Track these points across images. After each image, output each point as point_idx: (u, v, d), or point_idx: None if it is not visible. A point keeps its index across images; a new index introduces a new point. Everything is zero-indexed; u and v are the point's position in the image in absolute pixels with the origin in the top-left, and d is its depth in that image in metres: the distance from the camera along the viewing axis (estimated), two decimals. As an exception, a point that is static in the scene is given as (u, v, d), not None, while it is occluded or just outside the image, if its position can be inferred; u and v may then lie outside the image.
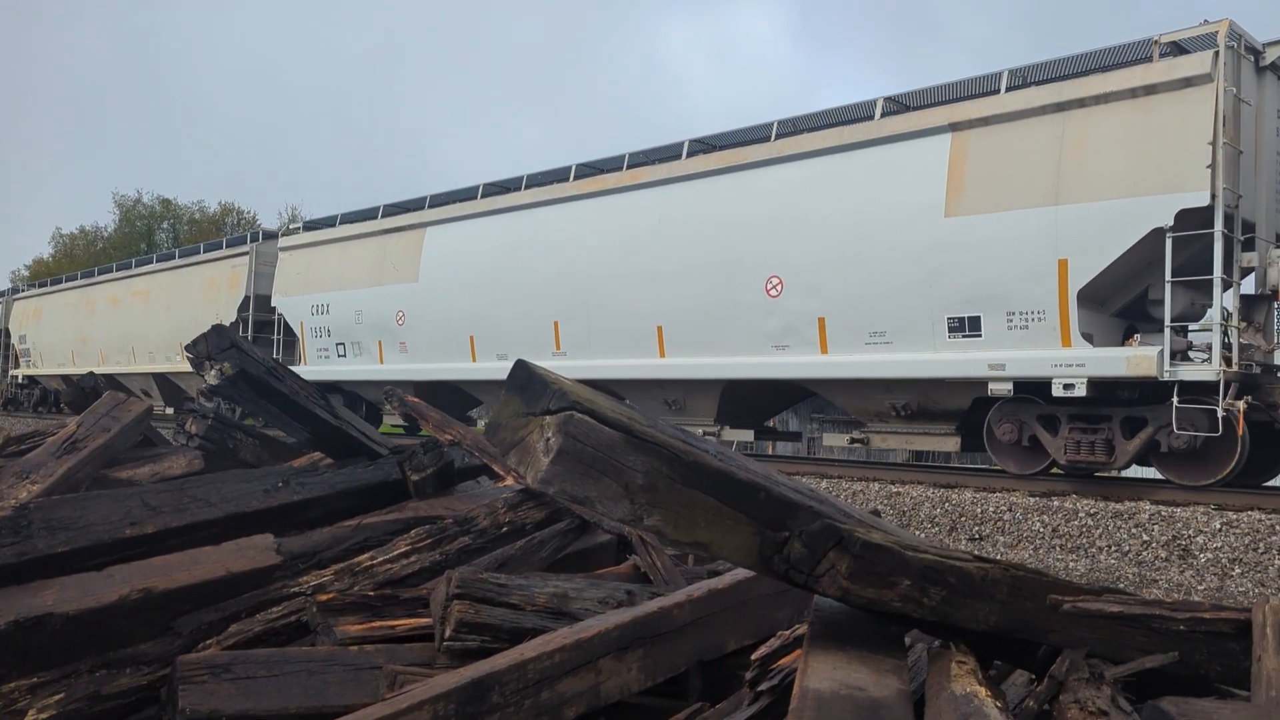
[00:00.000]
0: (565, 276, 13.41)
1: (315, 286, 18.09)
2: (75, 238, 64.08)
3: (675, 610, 2.71)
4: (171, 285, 23.64)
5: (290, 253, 19.13)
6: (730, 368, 11.73)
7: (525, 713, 2.30)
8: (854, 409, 11.25)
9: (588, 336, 13.29)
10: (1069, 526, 8.18)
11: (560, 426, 1.57)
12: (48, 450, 3.39)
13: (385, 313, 16.38)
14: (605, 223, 13.10)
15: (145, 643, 2.42)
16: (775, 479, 1.75)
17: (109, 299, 26.69)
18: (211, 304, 21.48)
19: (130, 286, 25.73)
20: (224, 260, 21.87)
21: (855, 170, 10.59)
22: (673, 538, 1.64)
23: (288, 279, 18.93)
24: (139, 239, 59.97)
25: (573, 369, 12.83)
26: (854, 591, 1.70)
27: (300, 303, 18.40)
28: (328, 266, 17.90)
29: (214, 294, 21.63)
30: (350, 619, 2.65)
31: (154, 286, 24.54)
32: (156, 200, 62.82)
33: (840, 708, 1.43)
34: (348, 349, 17.37)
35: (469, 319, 14.84)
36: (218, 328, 3.44)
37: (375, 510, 3.61)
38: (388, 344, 16.51)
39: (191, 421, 4.13)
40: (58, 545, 2.45)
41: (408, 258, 16.14)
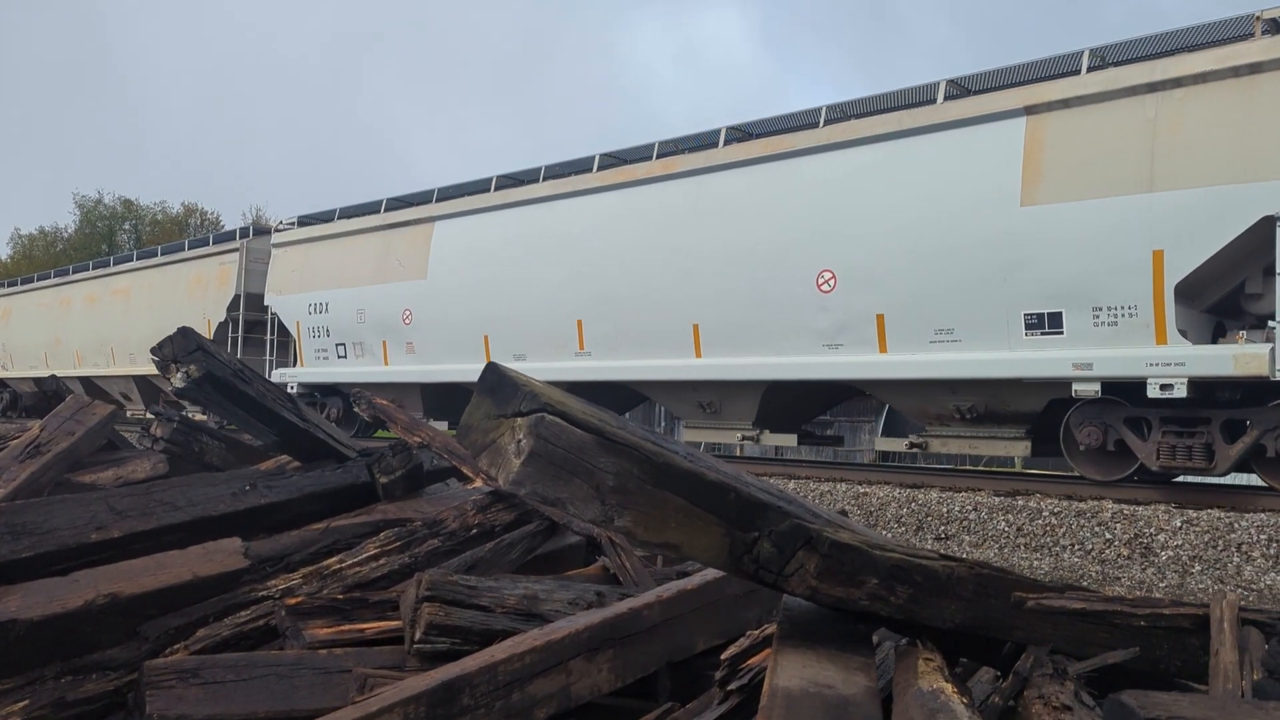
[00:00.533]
0: (589, 272, 12.59)
1: (313, 284, 17.15)
2: (34, 239, 63.10)
3: (645, 611, 2.72)
4: (155, 283, 22.45)
5: (285, 249, 18.14)
6: (774, 368, 10.95)
7: (496, 714, 2.31)
8: (912, 411, 10.56)
9: (614, 335, 12.45)
10: (1033, 525, 8.29)
11: (531, 428, 1.57)
12: (10, 454, 3.34)
13: (390, 311, 15.46)
14: (634, 215, 12.33)
15: (111, 648, 2.39)
16: (744, 479, 1.77)
17: (86, 298, 25.36)
18: (199, 303, 20.46)
19: (110, 285, 24.41)
20: (212, 257, 20.72)
21: (918, 157, 9.92)
22: (643, 538, 1.65)
23: (282, 276, 17.97)
24: (100, 240, 59.19)
25: (598, 370, 12.53)
26: (822, 590, 1.72)
27: (296, 301, 17.46)
28: (326, 263, 16.97)
29: (201, 292, 20.58)
30: (319, 622, 2.64)
31: (136, 285, 23.29)
32: (118, 201, 62.08)
33: (809, 705, 1.45)
34: (349, 349, 16.43)
35: (483, 318, 14.02)
36: (184, 330, 3.41)
37: (344, 513, 3.59)
38: (393, 344, 15.63)
39: (156, 425, 4.09)
40: (21, 550, 2.42)
41: (415, 253, 15.24)
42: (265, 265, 18.86)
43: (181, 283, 21.34)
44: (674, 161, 12.15)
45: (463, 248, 14.59)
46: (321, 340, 16.96)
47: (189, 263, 21.49)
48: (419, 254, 15.19)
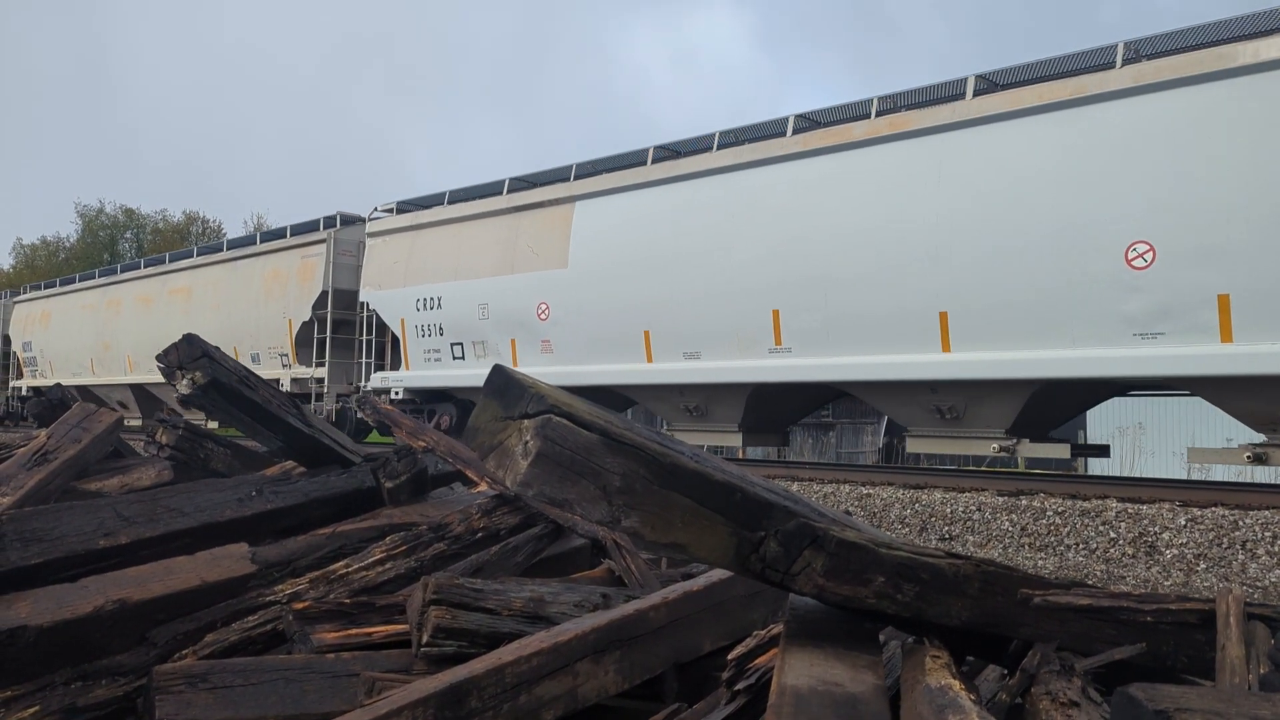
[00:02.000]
0: (788, 253, 10.60)
1: (421, 277, 15.22)
2: (37, 248, 63.25)
3: (651, 613, 2.72)
4: (223, 281, 20.37)
5: (383, 239, 16.27)
6: (1052, 364, 9.02)
7: (504, 716, 2.31)
8: (1258, 417, 8.58)
9: (823, 327, 10.48)
10: (1037, 525, 8.29)
11: (538, 430, 1.58)
12: (17, 462, 3.36)
13: (522, 306, 13.59)
14: (848, 184, 10.36)
15: (121, 654, 2.40)
16: (750, 480, 1.78)
17: (139, 299, 23.15)
18: (276, 301, 18.61)
19: (167, 284, 22.35)
20: (292, 250, 18.62)
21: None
22: (650, 539, 1.66)
23: (381, 269, 16.05)
24: (102, 249, 59.31)
25: (801, 369, 10.73)
26: (829, 589, 1.73)
27: (400, 297, 15.55)
28: (437, 253, 15.10)
29: (280, 289, 18.62)
30: (327, 627, 2.65)
31: (198, 283, 21.21)
32: (119, 210, 62.23)
33: (818, 703, 1.46)
34: (467, 349, 14.43)
35: (642, 310, 12.08)
36: (188, 336, 3.42)
37: (350, 518, 3.60)
38: (525, 343, 13.69)
39: (162, 432, 4.10)
40: (31, 557, 2.43)
41: (551, 239, 13.37)
42: (355, 258, 17.25)
43: (254, 279, 19.40)
44: (905, 119, 10.25)
45: (612, 230, 12.66)
46: (432, 340, 15.07)
47: (264, 257, 19.46)
48: (556, 239, 13.34)
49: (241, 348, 19.14)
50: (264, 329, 18.82)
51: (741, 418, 12.07)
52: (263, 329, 18.85)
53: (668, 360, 12.08)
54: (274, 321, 18.51)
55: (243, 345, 19.21)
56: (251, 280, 19.51)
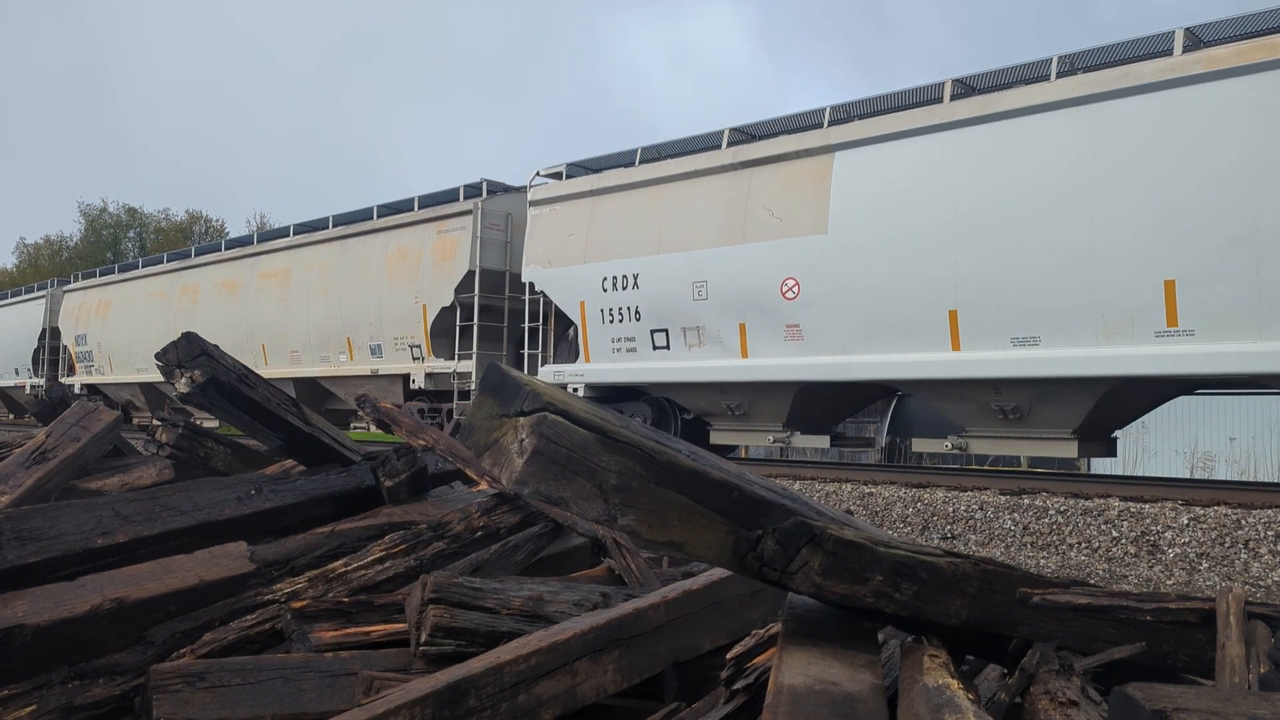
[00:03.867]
0: (1186, 205, 8.32)
1: (607, 250, 12.89)
2: (40, 247, 63.37)
3: (650, 611, 2.72)
4: (332, 263, 17.66)
5: (551, 208, 13.83)
6: None
7: (502, 716, 2.31)
8: None
9: (1255, 300, 8.11)
10: (1039, 524, 8.27)
11: (534, 428, 1.58)
12: (16, 460, 3.35)
13: (758, 283, 11.16)
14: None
15: (118, 653, 2.40)
16: (748, 478, 1.77)
17: (221, 285, 20.46)
18: (406, 284, 15.95)
19: (257, 267, 19.61)
20: (424, 225, 16.01)
21: None
22: (647, 537, 1.66)
23: (551, 243, 13.66)
24: (105, 248, 59.40)
25: (1212, 358, 8.44)
26: (827, 588, 1.72)
27: (579, 276, 13.19)
28: (630, 221, 12.70)
29: (409, 270, 15.97)
30: (325, 626, 2.65)
31: (300, 265, 18.42)
32: (122, 209, 62.33)
33: (815, 703, 1.45)
34: (675, 337, 12.05)
35: (944, 285, 9.78)
36: (188, 335, 3.41)
37: (349, 517, 3.59)
38: (760, 328, 11.23)
39: (162, 430, 4.10)
40: (28, 556, 2.42)
41: (799, 199, 10.92)
42: (504, 232, 15.03)
43: (374, 259, 16.79)
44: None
45: (893, 185, 10.31)
46: (624, 326, 12.66)
47: (386, 234, 16.76)
48: (808, 199, 10.90)
49: (358, 338, 16.93)
50: (388, 316, 16.30)
51: (1083, 421, 9.57)
52: (386, 316, 16.33)
53: (984, 348, 9.61)
54: (402, 307, 16.00)
55: (359, 335, 16.91)
56: (369, 260, 16.87)
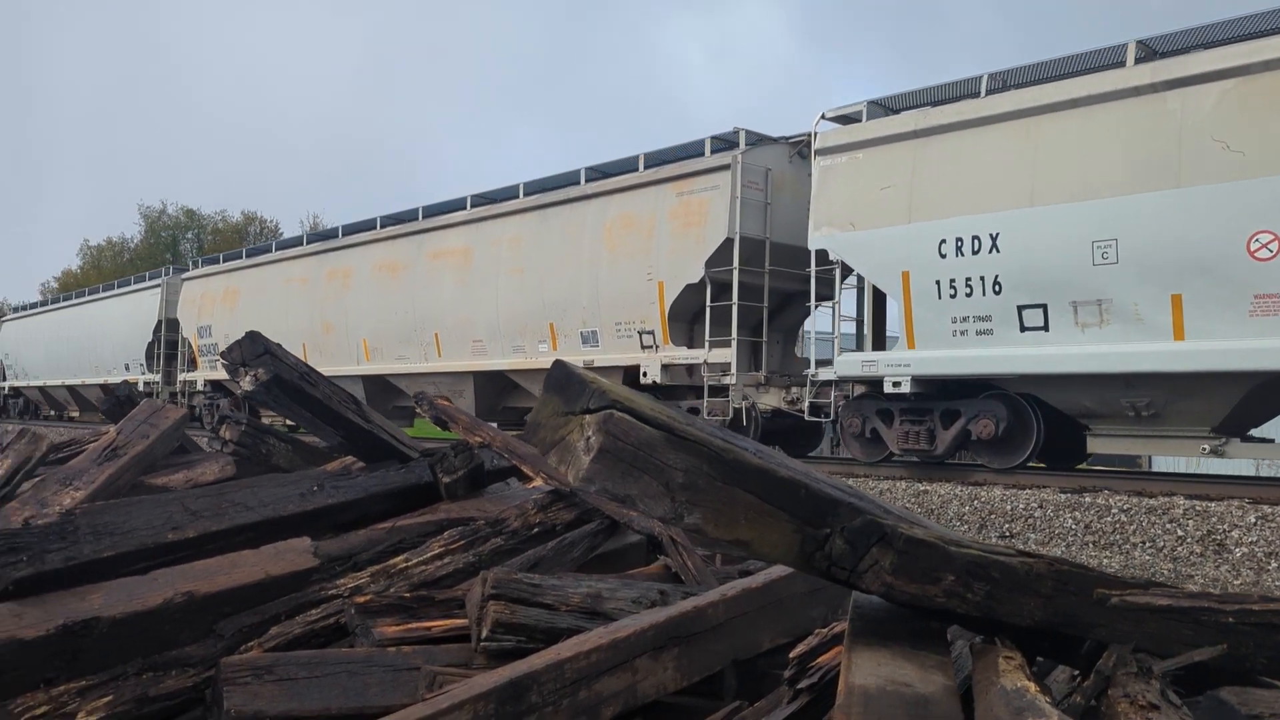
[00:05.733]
0: None
1: (943, 206, 10.19)
2: (103, 249, 64.94)
3: (709, 609, 2.71)
4: (528, 237, 15.13)
5: (852, 156, 11.12)
6: None
7: (563, 712, 2.32)
8: None
9: None
10: (1101, 523, 8.12)
11: (600, 425, 1.58)
12: (89, 457, 3.44)
13: (1205, 239, 8.49)
14: None
15: (189, 645, 2.45)
16: (815, 476, 1.75)
17: (381, 267, 17.84)
18: (634, 258, 13.40)
19: (426, 245, 16.99)
20: (657, 186, 13.36)
21: None
22: (713, 536, 1.65)
23: (855, 200, 10.95)
24: (164, 249, 60.69)
25: None
26: (898, 587, 1.70)
27: (900, 239, 10.49)
28: (977, 167, 10.01)
29: (638, 242, 13.40)
30: (387, 620, 2.68)
31: (484, 241, 15.85)
32: (181, 210, 63.63)
33: (887, 703, 1.44)
34: (1058, 315, 9.37)
35: None
36: (251, 334, 3.47)
37: (408, 513, 3.63)
38: (1207, 301, 8.56)
39: (225, 427, 4.18)
40: (103, 550, 2.49)
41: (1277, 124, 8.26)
42: (763, 192, 12.41)
43: (586, 231, 14.26)
44: None
45: None
46: (973, 302, 9.96)
47: (601, 200, 14.16)
48: None
49: (564, 324, 14.43)
50: (608, 298, 13.84)
51: None
52: (605, 298, 13.86)
53: None
54: (628, 286, 13.51)
55: (566, 321, 14.41)
56: (580, 232, 14.32)
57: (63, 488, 3.23)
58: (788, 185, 12.66)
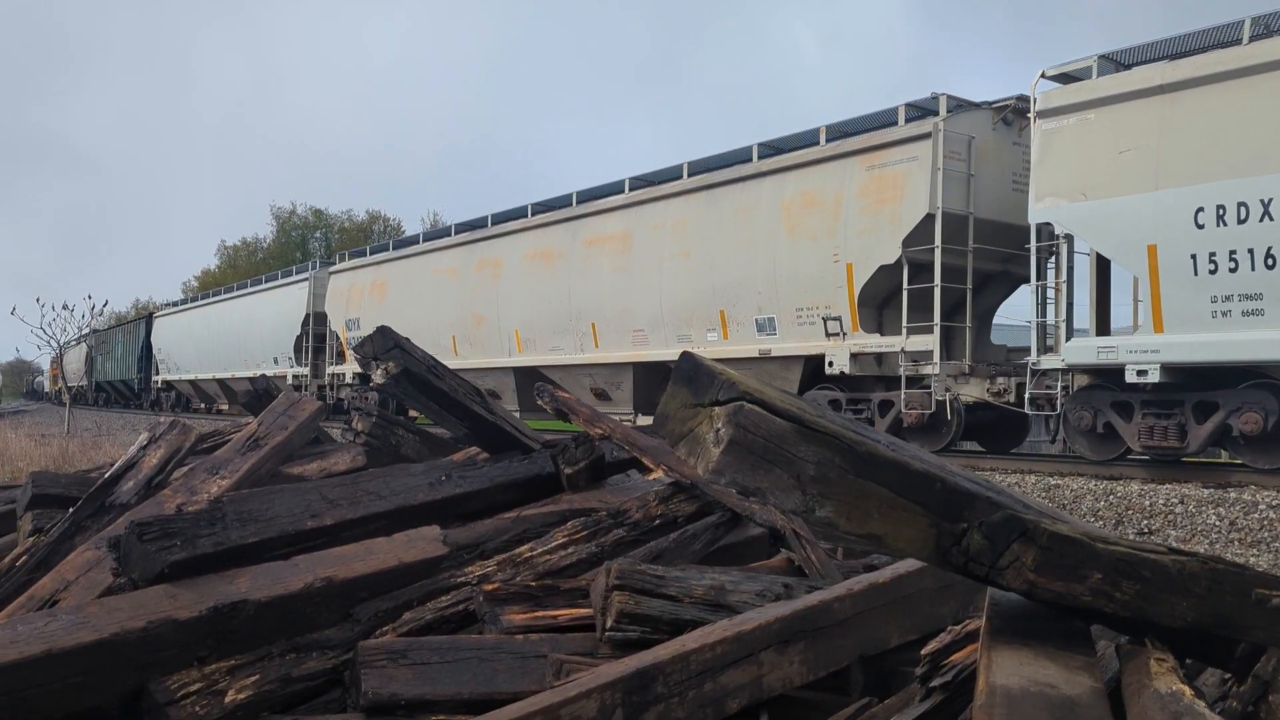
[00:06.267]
0: None
1: (1202, 169, 8.95)
2: (238, 249, 68.09)
3: (835, 604, 2.68)
4: (694, 219, 14.17)
5: (1082, 117, 9.88)
6: None
7: (689, 703, 2.32)
8: None
9: None
10: (1248, 520, 7.69)
11: (730, 417, 1.57)
12: (233, 447, 3.61)
13: None
14: None
15: (328, 628, 2.55)
16: (950, 469, 1.71)
17: (533, 256, 17.28)
18: (817, 240, 12.45)
19: (581, 232, 16.28)
20: (842, 160, 12.36)
21: None
22: (845, 530, 1.62)
23: (1088, 167, 9.80)
24: (295, 248, 63.24)
25: None
26: (1041, 585, 1.64)
27: (1145, 209, 9.30)
28: (1249, 123, 8.71)
29: (820, 221, 12.41)
30: (515, 608, 2.72)
31: (645, 226, 14.95)
32: (309, 211, 66.19)
33: (1032, 705, 1.39)
34: None
35: None
36: (382, 329, 3.58)
37: (531, 503, 3.69)
38: None
39: (357, 419, 4.33)
40: (248, 536, 2.60)
41: None
42: (965, 162, 11.42)
43: (761, 211, 13.24)
44: None
45: None
46: (1238, 278, 8.75)
47: (777, 176, 13.15)
48: None
49: (736, 311, 13.62)
50: (787, 282, 13.02)
51: None
52: (784, 282, 13.04)
53: None
54: (810, 269, 12.67)
55: (739, 308, 13.60)
56: (754, 212, 13.40)
57: (210, 476, 3.40)
58: (990, 155, 11.76)
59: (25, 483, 3.85)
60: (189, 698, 2.24)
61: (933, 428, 11.42)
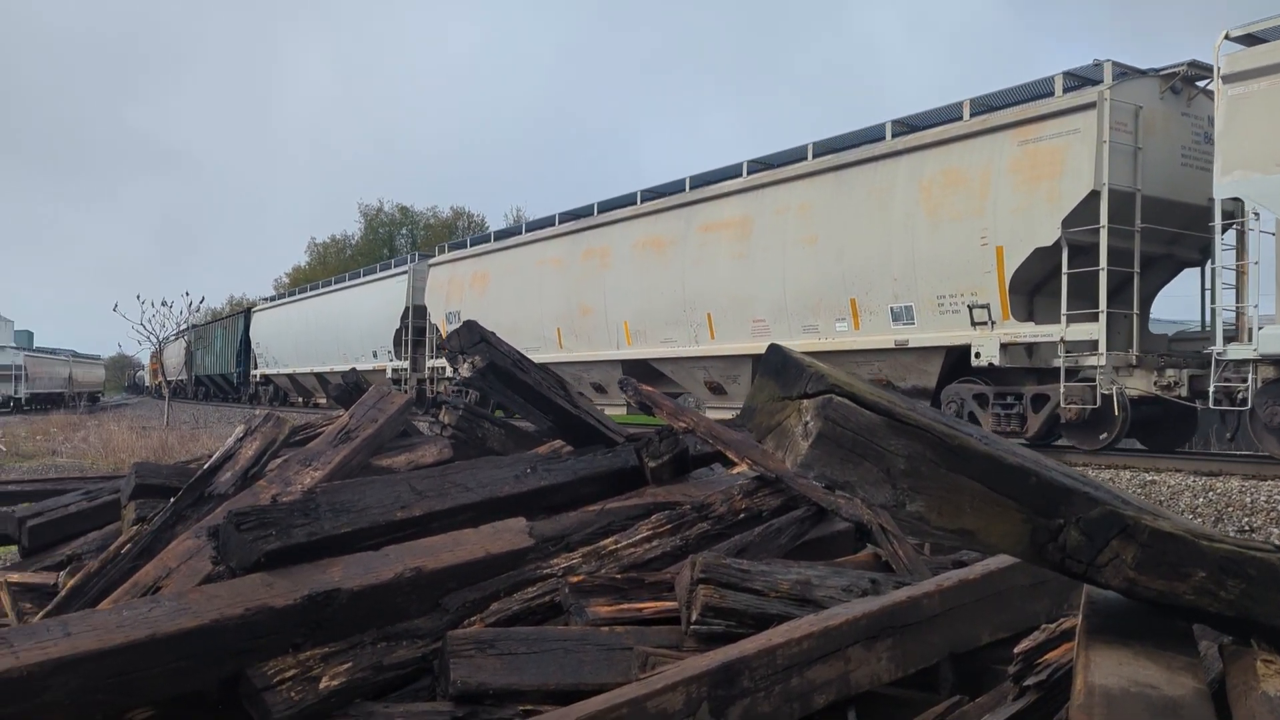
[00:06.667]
0: None
1: None
2: (327, 246, 69.83)
3: (924, 600, 2.64)
4: (822, 202, 13.20)
5: (1275, 80, 9.12)
6: None
7: (775, 698, 2.31)
8: None
9: None
10: (1359, 519, 7.35)
11: (819, 410, 1.55)
12: (325, 440, 3.71)
13: None
14: None
15: (418, 618, 2.60)
16: (1045, 463, 1.67)
17: (643, 244, 16.35)
18: (962, 221, 11.71)
19: (695, 218, 15.34)
20: (989, 135, 11.60)
21: None
22: (936, 524, 1.60)
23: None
24: (382, 244, 64.60)
25: None
26: (1141, 583, 1.59)
27: None
28: None
29: (964, 201, 11.72)
30: (600, 601, 2.74)
31: (766, 210, 14.07)
32: (396, 208, 67.55)
33: (1132, 706, 1.35)
34: None
35: None
36: (469, 323, 3.64)
37: (615, 496, 3.71)
38: None
39: (444, 412, 4.40)
40: (341, 526, 2.67)
41: None
42: (1131, 134, 10.55)
43: (897, 191, 12.31)
44: None
45: None
46: None
47: (915, 155, 12.28)
48: None
49: (870, 299, 12.76)
50: (926, 267, 12.17)
51: None
52: (924, 267, 12.20)
53: None
54: (955, 253, 11.83)
55: (872, 295, 12.72)
56: (889, 193, 12.47)
57: (303, 467, 3.50)
58: (1158, 126, 10.86)
59: (129, 473, 4.00)
60: (285, 683, 2.31)
61: (1093, 424, 10.64)
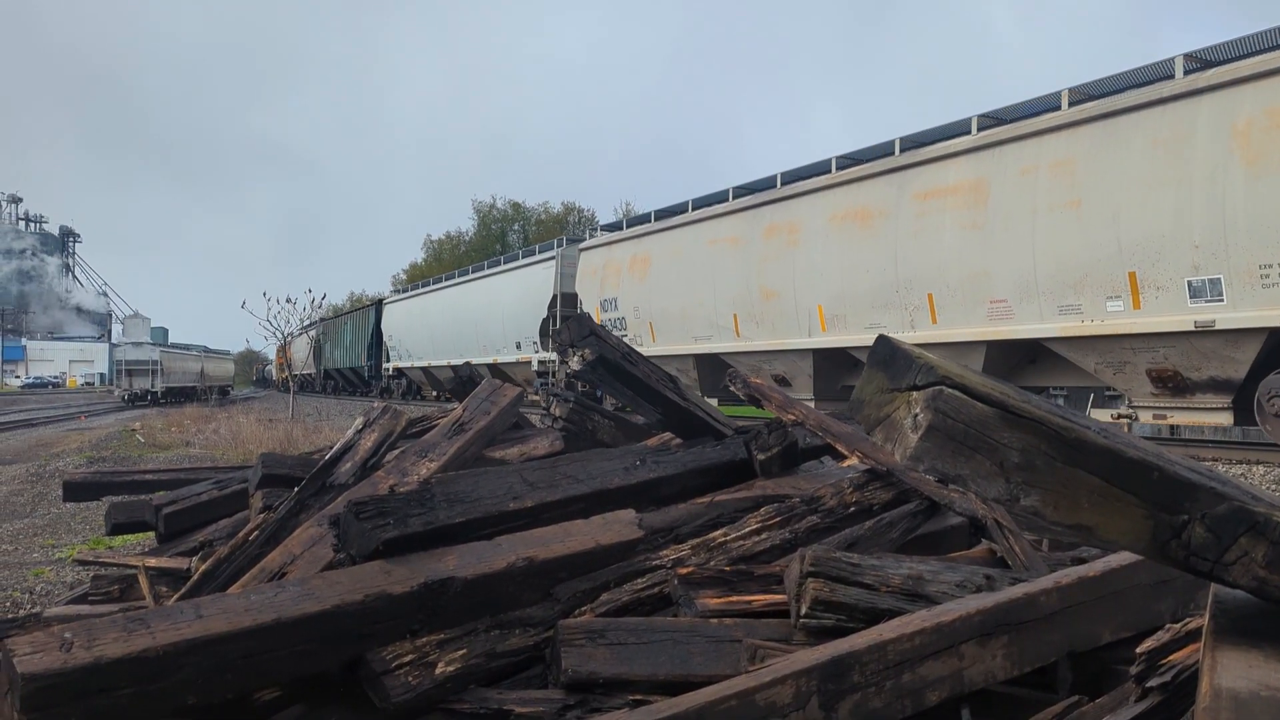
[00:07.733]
0: None
1: None
2: (442, 243, 71.60)
3: (1042, 597, 2.57)
4: (1083, 157, 11.32)
5: None
6: None
7: (886, 694, 2.28)
8: None
9: None
10: None
11: (929, 402, 1.53)
12: (440, 432, 3.82)
13: None
14: None
15: (530, 607, 2.66)
16: (1167, 457, 1.60)
17: (843, 217, 14.49)
18: None
19: (910, 184, 13.51)
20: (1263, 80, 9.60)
21: None
22: (1052, 520, 1.55)
23: None
24: (494, 240, 65.88)
25: None
26: (1272, 582, 1.52)
27: None
28: None
29: None
30: (709, 593, 2.75)
31: (1007, 170, 12.12)
32: (508, 204, 68.78)
33: (1263, 710, 1.29)
34: None
35: None
36: (578, 317, 3.69)
37: (724, 488, 3.71)
38: None
39: (555, 405, 4.47)
40: (455, 516, 2.75)
41: None
42: None
43: (1197, 142, 10.24)
44: None
45: None
46: None
47: (1221, 93, 10.11)
48: None
49: (1154, 272, 10.73)
50: (1243, 230, 10.03)
51: None
52: (1239, 231, 10.07)
53: None
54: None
55: (1158, 267, 10.70)
56: (1184, 143, 10.37)
57: (419, 459, 3.61)
58: None
59: (256, 464, 4.19)
60: (402, 668, 2.39)
61: None
